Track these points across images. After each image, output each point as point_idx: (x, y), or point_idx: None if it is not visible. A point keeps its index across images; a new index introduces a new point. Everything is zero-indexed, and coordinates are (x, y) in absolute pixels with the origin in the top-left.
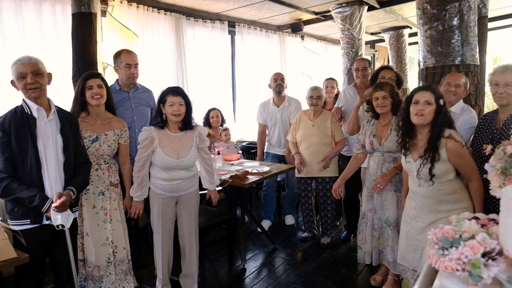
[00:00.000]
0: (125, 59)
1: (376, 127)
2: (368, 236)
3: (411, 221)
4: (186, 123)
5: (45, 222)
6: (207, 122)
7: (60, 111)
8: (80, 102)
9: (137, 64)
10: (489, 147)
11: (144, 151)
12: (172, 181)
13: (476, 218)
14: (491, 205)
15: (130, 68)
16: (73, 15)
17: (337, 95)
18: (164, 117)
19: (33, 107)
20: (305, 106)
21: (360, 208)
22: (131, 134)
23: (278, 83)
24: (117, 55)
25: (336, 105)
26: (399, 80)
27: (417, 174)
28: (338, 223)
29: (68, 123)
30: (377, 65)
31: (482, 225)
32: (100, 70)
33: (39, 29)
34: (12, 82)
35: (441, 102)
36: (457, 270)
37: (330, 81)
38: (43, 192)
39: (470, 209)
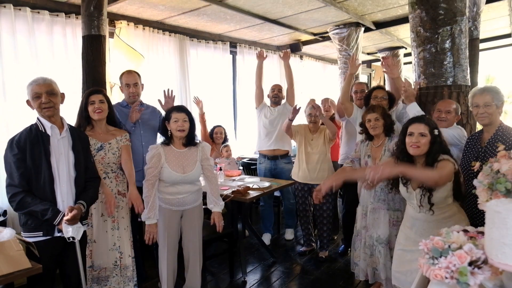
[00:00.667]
0: (125, 79)
1: (370, 148)
2: (362, 254)
3: (405, 242)
4: (190, 139)
5: (57, 234)
6: (211, 138)
7: (71, 129)
8: (85, 116)
9: (136, 83)
10: (478, 164)
11: (153, 170)
12: (177, 195)
13: (466, 231)
14: (478, 219)
15: (129, 88)
16: (83, 37)
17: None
18: (169, 134)
19: (47, 125)
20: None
21: (355, 226)
22: (138, 147)
23: (275, 93)
24: (120, 76)
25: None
26: (391, 99)
27: (419, 204)
28: (335, 237)
29: (79, 140)
30: (374, 83)
31: (471, 237)
32: (108, 89)
33: (50, 50)
34: (27, 101)
35: (436, 132)
36: (446, 278)
37: (325, 101)
38: (55, 205)
39: None
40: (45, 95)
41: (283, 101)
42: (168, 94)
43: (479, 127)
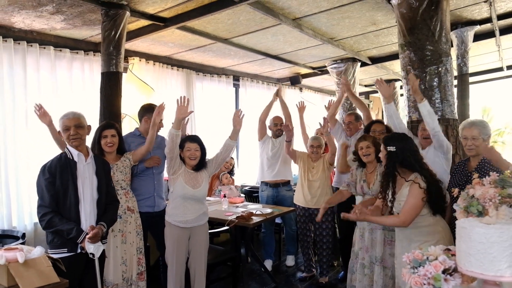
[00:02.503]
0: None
1: (365, 173)
2: (359, 275)
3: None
4: (200, 165)
5: (79, 251)
6: None
7: (95, 156)
8: (98, 148)
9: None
10: (456, 190)
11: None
12: (185, 215)
13: (448, 250)
14: None
15: (160, 124)
16: (102, 74)
17: None
18: (182, 157)
19: (74, 153)
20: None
21: (352, 249)
22: (149, 174)
23: (278, 128)
24: (151, 110)
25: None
26: (390, 132)
27: (390, 211)
28: (335, 263)
29: (102, 166)
30: (372, 114)
31: (452, 255)
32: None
33: (69, 84)
34: (59, 132)
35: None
36: (424, 284)
37: (320, 130)
38: (79, 225)
39: (442, 240)
40: (74, 128)
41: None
42: (182, 102)
43: None
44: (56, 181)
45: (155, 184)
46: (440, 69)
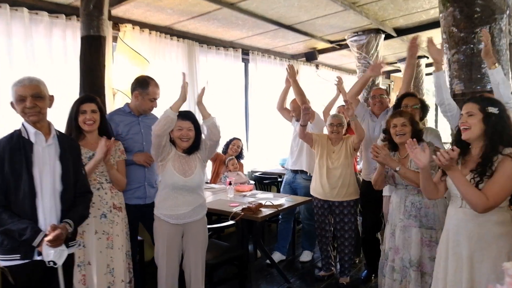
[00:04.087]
0: (152, 92)
1: (397, 158)
2: (388, 280)
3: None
4: (193, 148)
5: (37, 257)
6: (226, 149)
7: (61, 136)
8: (74, 126)
9: (159, 97)
10: None
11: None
12: (177, 208)
13: None
14: None
15: (153, 102)
16: (82, 38)
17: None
18: (171, 139)
19: (31, 131)
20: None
21: (381, 247)
22: None
23: (297, 112)
24: (145, 84)
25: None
26: (425, 107)
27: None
28: (357, 260)
29: (70, 149)
30: (393, 95)
31: None
32: (109, 95)
33: (49, 54)
34: (11, 104)
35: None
36: None
37: (342, 108)
38: (36, 224)
39: None
40: (30, 99)
41: None
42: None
43: None
44: (5, 167)
45: (146, 171)
46: (492, 29)
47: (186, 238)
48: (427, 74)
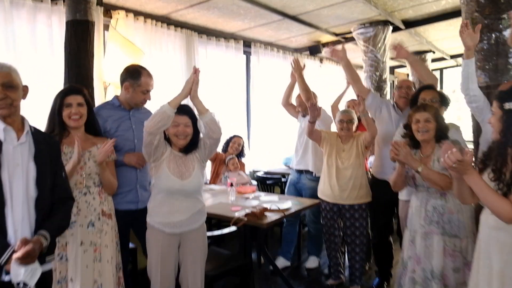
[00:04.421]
0: (145, 84)
1: (419, 157)
2: None
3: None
4: (191, 146)
5: (5, 278)
6: (226, 147)
7: (36, 133)
8: (58, 121)
9: (152, 89)
10: None
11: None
12: (173, 215)
13: None
14: None
15: (146, 94)
16: (67, 23)
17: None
18: (167, 136)
19: (0, 127)
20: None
21: (400, 255)
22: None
23: (304, 107)
24: (137, 75)
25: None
26: (444, 101)
27: None
28: (367, 266)
29: (47, 147)
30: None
31: None
32: (100, 88)
33: (32, 42)
34: None
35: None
36: None
37: (352, 102)
38: (3, 237)
39: None
40: (0, 89)
41: None
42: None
43: None
44: None
45: (138, 172)
46: None
47: (183, 248)
48: (433, 70)
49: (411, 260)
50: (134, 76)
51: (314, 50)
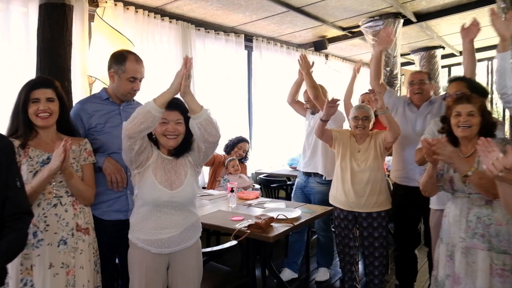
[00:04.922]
0: (131, 70)
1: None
2: None
3: None
4: (183, 148)
5: None
6: (229, 149)
7: None
8: (23, 119)
9: (143, 77)
10: None
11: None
12: (161, 232)
13: None
14: None
15: (133, 83)
16: (40, 6)
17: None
18: (154, 136)
19: None
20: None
21: (433, 273)
22: (120, 161)
23: (312, 104)
24: (121, 59)
25: None
26: (482, 93)
27: None
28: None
29: None
30: (403, 89)
31: None
32: (82, 83)
33: (5, 31)
34: None
35: None
36: None
37: (367, 96)
38: None
39: None
40: None
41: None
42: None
43: None
44: None
45: (128, 175)
46: None
47: (172, 270)
48: (443, 67)
49: (449, 279)
50: (119, 60)
51: (319, 45)
